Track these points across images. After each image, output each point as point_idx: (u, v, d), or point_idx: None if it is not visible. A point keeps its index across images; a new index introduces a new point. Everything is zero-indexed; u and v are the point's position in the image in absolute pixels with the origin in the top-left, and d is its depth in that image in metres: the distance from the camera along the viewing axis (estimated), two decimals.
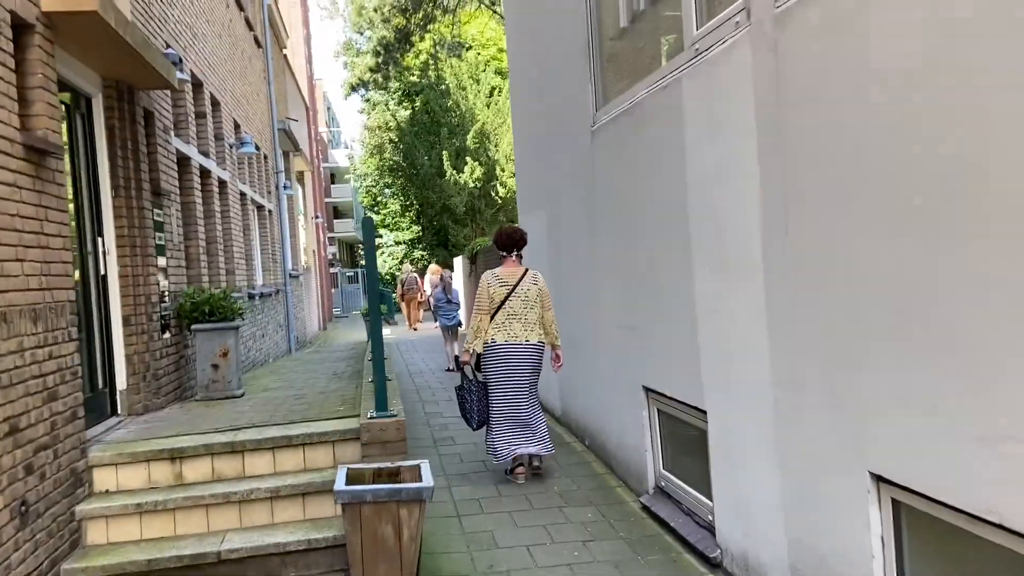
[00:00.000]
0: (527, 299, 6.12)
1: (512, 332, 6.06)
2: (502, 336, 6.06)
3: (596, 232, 6.25)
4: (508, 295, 6.10)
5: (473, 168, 29.26)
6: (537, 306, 6.15)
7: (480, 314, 6.11)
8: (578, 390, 7.18)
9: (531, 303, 6.12)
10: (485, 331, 6.06)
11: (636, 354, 5.50)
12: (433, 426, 8.23)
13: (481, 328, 6.08)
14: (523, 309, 6.10)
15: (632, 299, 5.51)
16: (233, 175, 10.67)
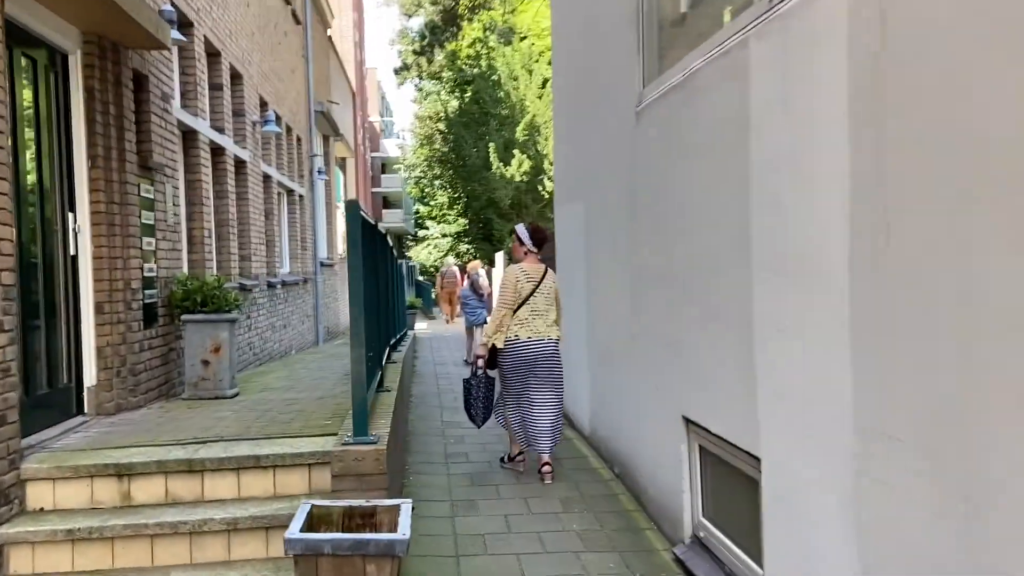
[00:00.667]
0: (548, 296, 6.08)
1: (535, 329, 5.96)
2: (525, 332, 5.93)
3: (637, 227, 5.37)
4: (534, 291, 6.00)
5: (521, 161, 28.48)
6: (556, 305, 6.15)
7: (505, 308, 5.95)
8: (610, 408, 6.30)
9: (551, 300, 6.11)
10: (507, 326, 5.93)
11: (677, 376, 4.61)
12: (448, 438, 7.42)
13: (504, 323, 5.93)
14: (545, 306, 6.05)
15: (676, 308, 4.62)
16: (255, 155, 10.00)
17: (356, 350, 3.78)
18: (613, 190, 5.99)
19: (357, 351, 3.78)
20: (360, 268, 3.73)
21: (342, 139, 19.94)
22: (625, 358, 5.78)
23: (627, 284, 5.64)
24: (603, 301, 6.43)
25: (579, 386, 7.45)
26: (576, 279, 7.48)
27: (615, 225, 5.97)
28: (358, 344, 3.77)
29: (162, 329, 6.23)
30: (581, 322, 7.28)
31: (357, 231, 3.74)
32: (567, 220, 7.92)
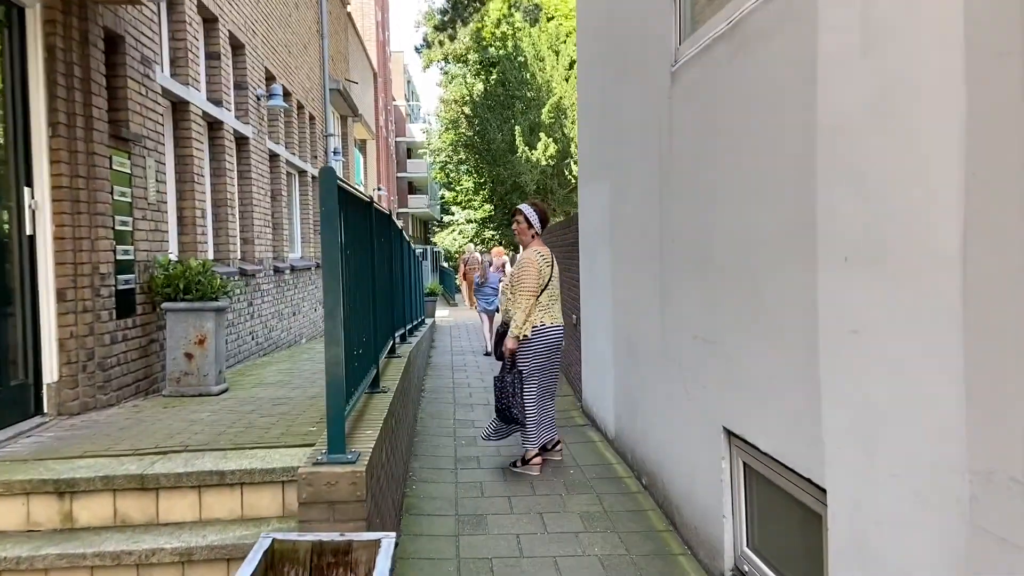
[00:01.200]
0: (557, 279, 5.95)
1: (555, 314, 5.81)
2: (549, 318, 5.75)
3: (670, 207, 4.66)
4: (551, 274, 5.84)
5: (547, 144, 27.74)
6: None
7: (532, 296, 5.67)
8: (637, 411, 5.61)
9: (559, 284, 6.00)
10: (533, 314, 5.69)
11: (716, 379, 3.91)
12: (460, 439, 6.78)
13: (532, 311, 5.68)
14: (558, 290, 5.95)
15: (714, 300, 3.92)
16: (259, 131, 9.38)
17: (332, 350, 3.12)
18: (642, 165, 5.28)
19: (333, 351, 3.13)
20: (336, 249, 3.07)
21: (361, 120, 19.33)
22: (654, 355, 5.09)
23: (657, 271, 4.95)
24: (629, 290, 5.74)
25: (602, 383, 6.77)
26: (600, 265, 6.79)
27: (644, 204, 5.26)
28: (334, 342, 3.11)
29: (141, 319, 5.63)
30: (605, 312, 6.59)
31: (332, 202, 3.07)
32: (591, 200, 7.22)
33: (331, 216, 3.08)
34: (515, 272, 5.86)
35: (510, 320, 5.76)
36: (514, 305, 5.72)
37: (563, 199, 28.70)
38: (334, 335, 3.11)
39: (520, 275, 5.73)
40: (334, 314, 3.13)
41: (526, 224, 5.95)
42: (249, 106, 8.94)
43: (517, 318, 5.64)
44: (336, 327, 3.13)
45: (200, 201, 7.08)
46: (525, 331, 5.63)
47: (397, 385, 4.96)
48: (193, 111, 6.98)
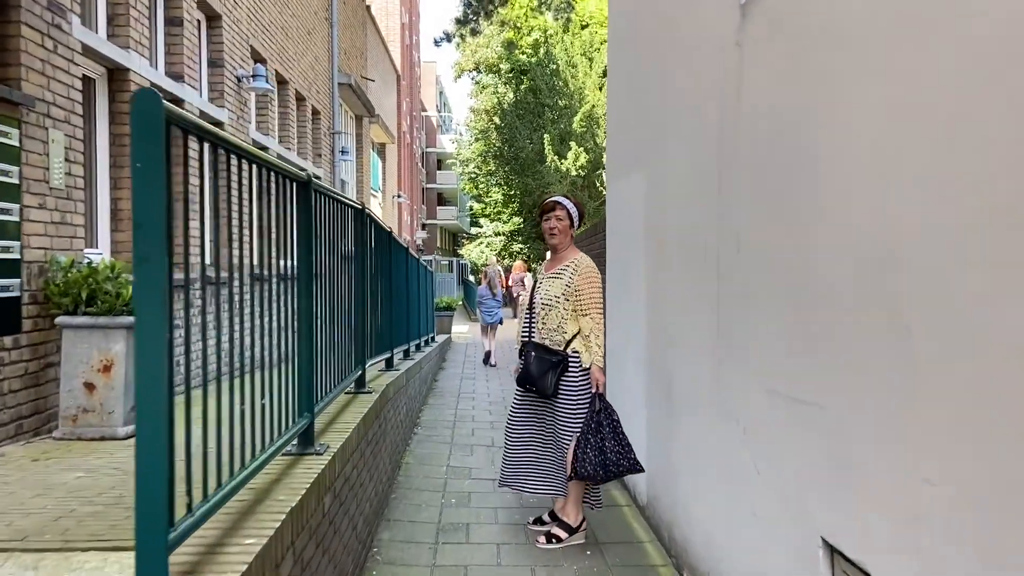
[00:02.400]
0: None
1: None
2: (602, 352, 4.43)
3: (734, 201, 3.25)
4: None
5: (577, 154, 26.36)
6: None
7: (603, 314, 4.48)
8: (678, 478, 4.18)
9: None
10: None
11: (810, 461, 2.49)
12: (449, 495, 5.38)
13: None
14: None
15: (812, 341, 2.51)
16: (239, 118, 8.11)
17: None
18: (691, 147, 3.87)
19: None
20: (158, 230, 1.73)
21: (379, 121, 18.12)
22: (703, 407, 3.67)
23: (711, 293, 3.53)
24: (671, 315, 4.32)
25: (630, 427, 5.34)
26: (632, 281, 5.38)
27: (692, 201, 3.86)
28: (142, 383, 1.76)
29: (29, 337, 4.32)
30: (637, 340, 5.17)
31: (152, 145, 1.73)
32: (621, 201, 5.82)
33: (150, 174, 1.73)
34: (577, 284, 4.45)
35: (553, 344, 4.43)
36: (589, 326, 4.36)
37: (593, 212, 27.28)
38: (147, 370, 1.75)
39: (585, 288, 4.42)
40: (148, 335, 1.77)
41: (568, 221, 4.63)
42: (226, 88, 7.68)
43: (595, 344, 4.35)
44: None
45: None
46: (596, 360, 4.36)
47: (347, 439, 3.57)
48: (136, 81, 5.70)
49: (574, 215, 4.64)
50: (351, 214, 4.49)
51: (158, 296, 1.76)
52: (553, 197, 4.73)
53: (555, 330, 4.45)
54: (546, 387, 4.39)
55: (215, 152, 2.16)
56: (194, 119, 1.91)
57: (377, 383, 5.24)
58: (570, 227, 4.64)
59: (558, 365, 4.37)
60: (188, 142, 1.96)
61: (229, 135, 2.20)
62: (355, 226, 4.61)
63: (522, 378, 4.53)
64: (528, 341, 4.58)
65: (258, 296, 2.82)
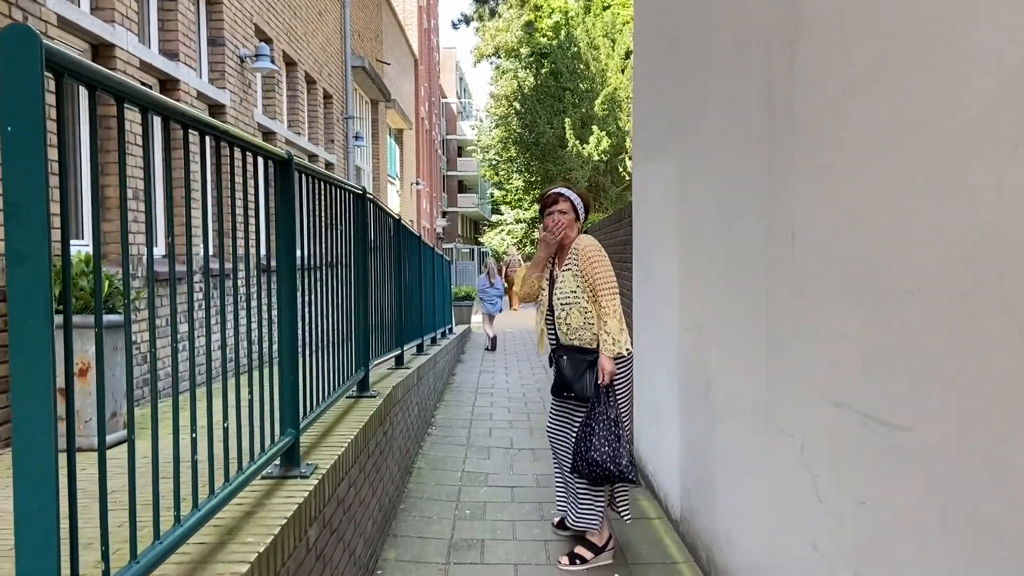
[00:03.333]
0: None
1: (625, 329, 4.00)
2: (625, 336, 3.96)
3: (790, 182, 2.75)
4: None
5: (600, 138, 25.79)
6: None
7: (619, 297, 3.97)
8: (717, 494, 3.70)
9: None
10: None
11: (899, 497, 2.02)
12: (463, 507, 4.94)
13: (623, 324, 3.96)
14: None
15: (896, 349, 2.04)
16: (243, 100, 7.69)
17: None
18: (733, 121, 3.37)
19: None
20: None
21: (396, 106, 17.66)
22: (749, 416, 3.19)
23: (759, 289, 3.04)
24: (710, 314, 3.83)
25: (661, 434, 4.87)
26: (661, 272, 4.89)
27: (736, 183, 3.36)
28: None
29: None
30: (668, 339, 4.69)
31: (29, 94, 1.29)
32: (650, 186, 5.32)
33: (26, 141, 1.28)
34: (583, 268, 3.98)
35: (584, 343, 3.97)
36: (602, 312, 3.90)
37: (616, 197, 26.77)
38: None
39: (590, 270, 3.95)
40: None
41: (572, 214, 4.12)
42: (227, 68, 7.26)
43: (612, 328, 3.86)
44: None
45: (138, 179, 5.38)
46: (626, 345, 3.92)
47: (341, 456, 3.13)
48: (122, 58, 5.28)
49: (579, 206, 4.16)
50: (350, 199, 4.04)
51: (40, 306, 1.31)
52: (555, 189, 4.23)
53: (582, 327, 3.97)
54: (584, 389, 3.92)
55: (152, 117, 1.71)
56: (90, 64, 1.45)
57: (384, 384, 4.80)
58: (576, 220, 4.14)
59: (594, 363, 3.91)
60: (95, 99, 1.51)
61: (156, 94, 1.75)
62: (355, 213, 4.16)
63: (557, 386, 4.05)
64: (557, 347, 4.09)
65: (223, 293, 2.38)
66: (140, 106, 1.68)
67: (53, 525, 1.33)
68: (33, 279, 1.29)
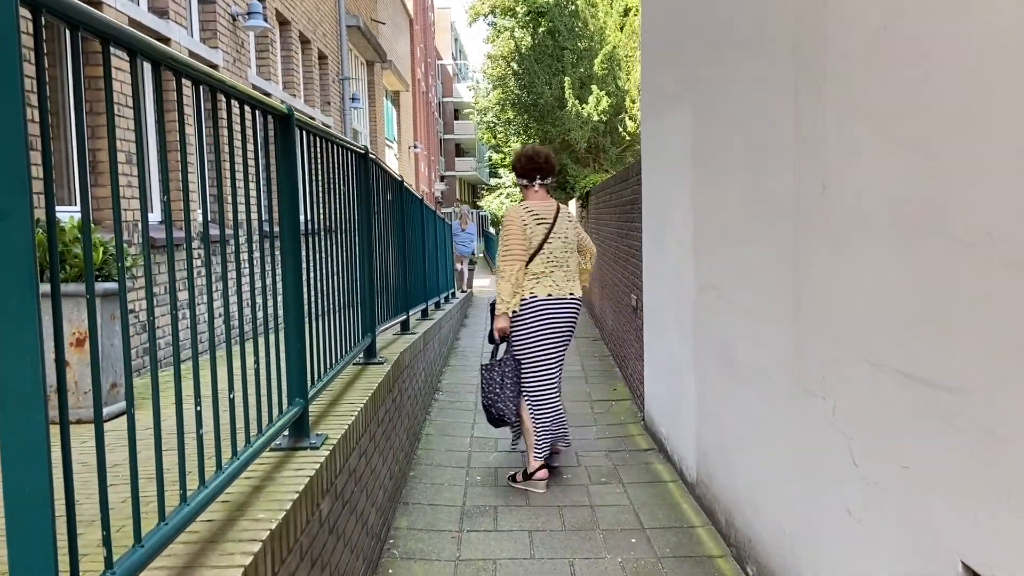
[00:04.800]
0: (567, 241, 4.67)
1: (555, 283, 4.56)
2: (543, 289, 4.54)
3: (818, 125, 2.59)
4: (548, 235, 4.58)
5: (599, 98, 25.43)
6: (576, 250, 4.74)
7: (516, 261, 4.52)
8: (737, 456, 3.61)
9: (572, 246, 4.70)
10: (522, 284, 4.54)
11: (948, 465, 1.90)
12: (474, 472, 4.85)
13: (519, 281, 4.53)
14: (564, 254, 4.64)
15: (948, 302, 1.90)
16: (236, 60, 7.47)
17: None
18: (754, 65, 3.20)
19: None
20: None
21: (392, 67, 17.34)
22: (774, 376, 3.07)
23: (784, 240, 2.90)
24: (727, 269, 3.70)
25: (676, 397, 4.77)
26: (673, 231, 4.74)
27: (757, 131, 3.20)
28: None
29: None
30: (681, 298, 4.56)
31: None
32: (660, 140, 5.15)
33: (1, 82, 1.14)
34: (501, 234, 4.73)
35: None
36: (497, 274, 4.66)
37: (616, 159, 26.50)
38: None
39: (502, 237, 4.66)
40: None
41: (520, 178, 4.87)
42: (219, 26, 7.03)
43: (501, 289, 4.55)
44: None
45: (126, 141, 5.21)
46: (514, 305, 4.52)
47: (352, 425, 3.02)
48: (109, 15, 5.07)
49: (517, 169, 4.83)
50: (353, 159, 3.88)
51: (24, 270, 1.17)
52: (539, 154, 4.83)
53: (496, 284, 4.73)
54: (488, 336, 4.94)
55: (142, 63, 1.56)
56: (70, 0, 1.29)
57: (391, 350, 4.69)
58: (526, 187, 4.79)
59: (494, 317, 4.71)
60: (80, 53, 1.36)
61: (144, 37, 1.59)
62: (358, 174, 4.00)
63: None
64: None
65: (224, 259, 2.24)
66: (127, 49, 1.53)
67: (47, 510, 1.21)
68: (13, 238, 1.16)
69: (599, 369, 7.92)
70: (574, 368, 7.83)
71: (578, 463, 5.00)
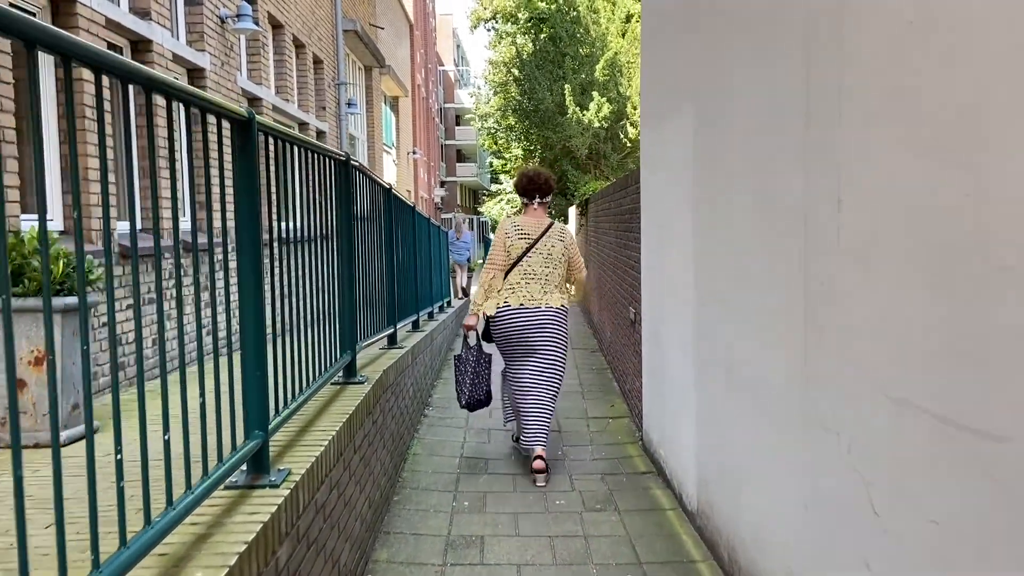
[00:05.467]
0: (550, 257, 5.03)
1: (529, 294, 4.98)
2: (516, 299, 4.97)
3: (832, 133, 2.34)
4: (528, 250, 5.02)
5: (600, 104, 25.21)
6: (561, 266, 5.09)
7: (493, 270, 5.07)
8: (741, 486, 3.35)
9: (555, 262, 5.05)
10: (497, 291, 5.04)
11: (983, 520, 1.64)
12: (462, 497, 4.59)
13: (492, 287, 5.06)
14: (544, 268, 5.01)
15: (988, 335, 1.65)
16: (225, 64, 7.24)
17: None
18: (763, 69, 2.96)
19: None
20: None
21: (391, 73, 17.13)
22: (781, 402, 2.82)
23: (791, 255, 2.65)
24: (729, 280, 3.45)
25: (675, 417, 4.52)
26: (672, 239, 4.49)
27: (764, 137, 2.96)
28: None
29: None
30: (681, 313, 4.32)
31: None
32: (659, 145, 4.90)
33: None
34: None
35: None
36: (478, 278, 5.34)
37: (617, 165, 26.28)
38: None
39: (490, 247, 5.18)
40: None
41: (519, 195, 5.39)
42: (206, 29, 6.81)
43: (476, 293, 5.20)
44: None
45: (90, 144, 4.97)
46: (486, 309, 5.03)
47: (320, 456, 2.76)
48: (84, 15, 4.85)
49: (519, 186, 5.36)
50: (332, 166, 3.64)
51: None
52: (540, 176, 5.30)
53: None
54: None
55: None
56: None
57: (374, 368, 4.43)
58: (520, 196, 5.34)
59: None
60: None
61: (56, 29, 1.34)
62: (337, 182, 3.76)
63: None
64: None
65: (156, 274, 1.99)
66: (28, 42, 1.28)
67: None
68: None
69: (597, 383, 7.66)
70: (571, 382, 7.57)
71: (572, 487, 4.75)
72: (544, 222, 5.10)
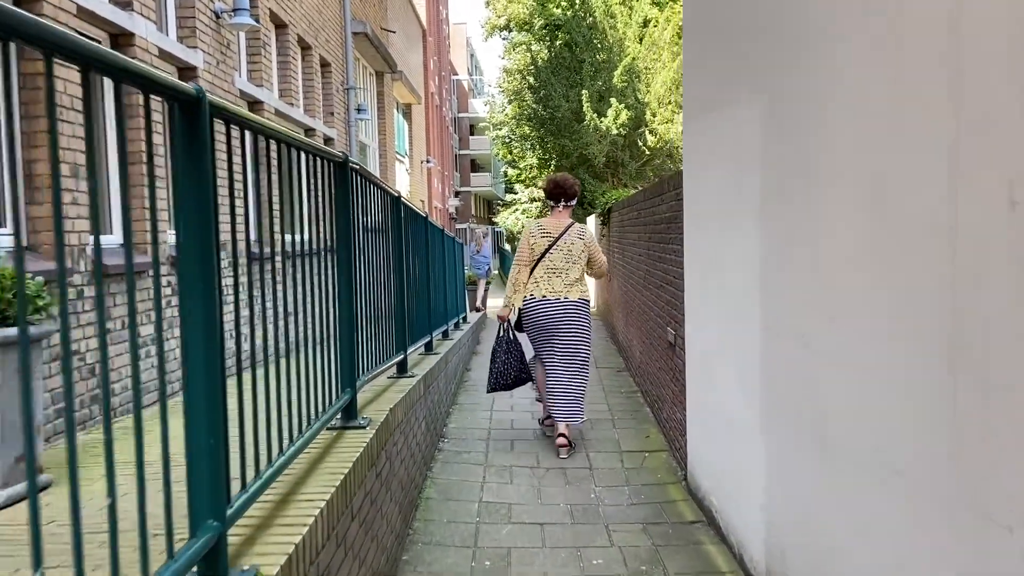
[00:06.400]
0: (570, 253, 5.62)
1: (551, 287, 5.58)
2: (540, 291, 5.60)
3: (995, 120, 1.68)
4: (549, 247, 5.61)
5: (618, 112, 24.57)
6: (581, 262, 5.67)
7: (519, 266, 5.71)
8: (836, 562, 2.67)
9: (574, 258, 5.63)
10: (524, 284, 5.68)
11: None
12: (482, 554, 3.92)
13: (519, 281, 5.71)
14: (565, 264, 5.60)
15: None
16: (219, 63, 6.65)
17: None
18: (880, 41, 2.30)
19: None
20: None
21: (403, 79, 16.55)
22: (909, 475, 2.15)
23: (929, 278, 1.99)
24: (821, 312, 2.77)
25: (732, 463, 3.84)
26: (727, 253, 3.81)
27: (884, 127, 2.30)
28: None
29: None
30: (743, 335, 3.64)
31: None
32: (709, 141, 4.24)
33: None
34: None
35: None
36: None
37: (635, 173, 25.64)
38: None
39: (518, 246, 5.79)
40: None
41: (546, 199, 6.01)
42: (199, 24, 6.22)
43: (507, 287, 5.83)
44: None
45: (70, 150, 4.38)
46: (515, 301, 5.69)
47: (300, 544, 2.12)
48: (53, 3, 4.25)
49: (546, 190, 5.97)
50: (326, 169, 3.01)
51: None
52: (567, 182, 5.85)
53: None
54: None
55: None
56: None
57: (380, 404, 3.79)
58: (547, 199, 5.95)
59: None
60: None
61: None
62: (334, 187, 3.13)
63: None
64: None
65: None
66: None
67: None
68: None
69: (627, 408, 6.98)
70: (599, 407, 6.90)
71: (610, 542, 4.08)
72: (565, 222, 5.70)
